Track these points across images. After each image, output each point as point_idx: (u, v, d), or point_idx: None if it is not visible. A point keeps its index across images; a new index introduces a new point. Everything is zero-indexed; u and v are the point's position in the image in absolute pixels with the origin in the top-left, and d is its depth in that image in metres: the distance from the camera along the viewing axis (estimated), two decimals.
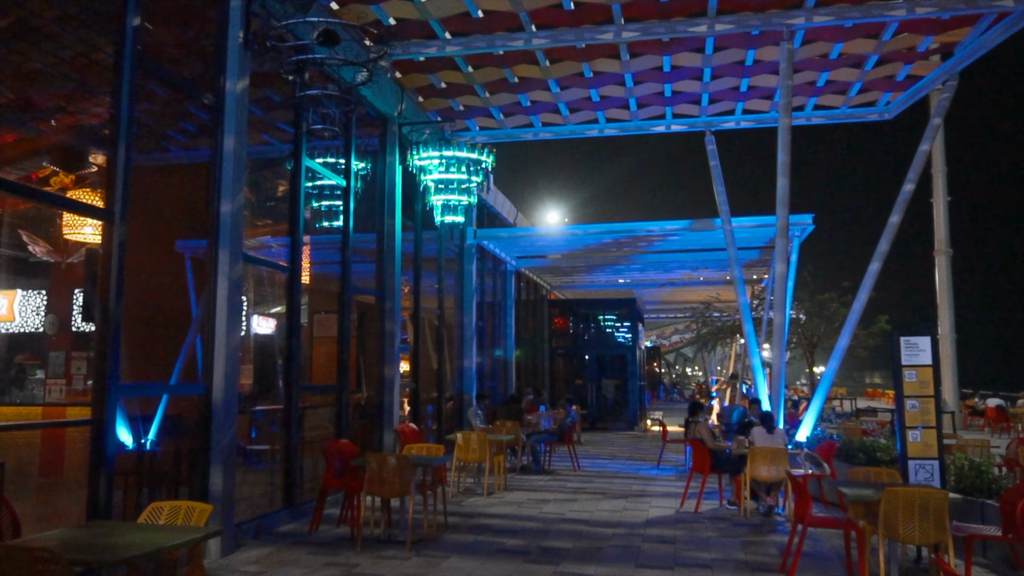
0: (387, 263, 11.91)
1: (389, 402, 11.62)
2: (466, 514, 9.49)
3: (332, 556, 7.28)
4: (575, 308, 25.99)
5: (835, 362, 12.52)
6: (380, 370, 11.67)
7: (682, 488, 11.57)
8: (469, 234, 16.29)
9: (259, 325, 12.86)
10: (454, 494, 10.93)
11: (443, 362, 14.61)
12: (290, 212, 9.29)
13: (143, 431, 7.72)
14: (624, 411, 24.86)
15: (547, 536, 8.29)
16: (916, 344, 7.58)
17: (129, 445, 7.24)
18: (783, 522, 9.32)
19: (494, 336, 19.01)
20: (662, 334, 70.57)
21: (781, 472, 9.34)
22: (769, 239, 17.87)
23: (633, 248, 19.20)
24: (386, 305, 11.84)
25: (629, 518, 9.39)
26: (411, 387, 13.18)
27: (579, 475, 13.45)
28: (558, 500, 10.67)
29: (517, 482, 12.46)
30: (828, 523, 6.59)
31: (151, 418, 7.70)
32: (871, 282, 12.52)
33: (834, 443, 10.20)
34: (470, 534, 8.32)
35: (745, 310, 13.85)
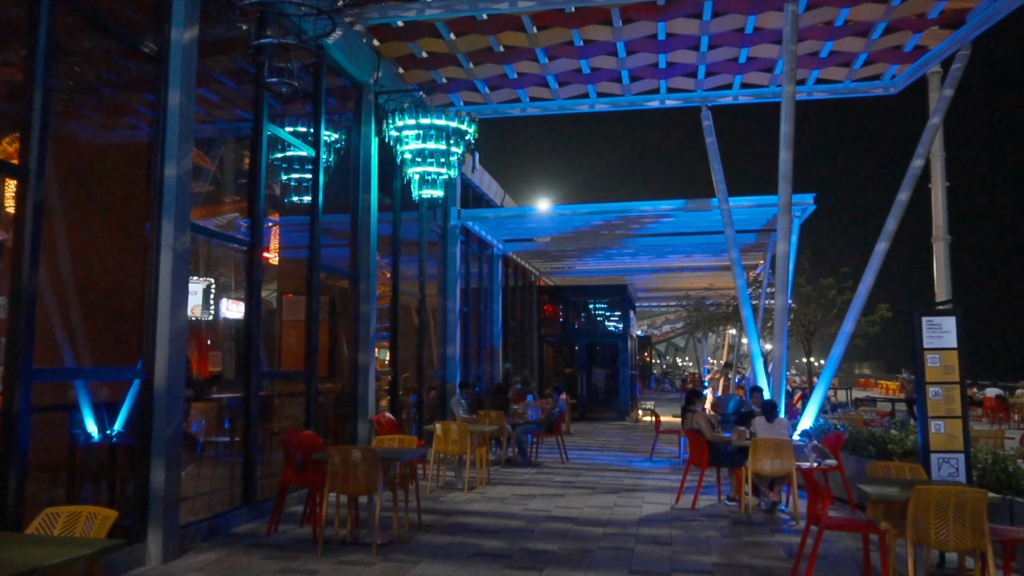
0: (362, 241, 11.09)
1: (364, 390, 10.83)
2: (443, 511, 8.73)
3: (289, 561, 6.49)
4: (565, 295, 25.23)
5: (839, 348, 11.81)
6: (354, 356, 10.88)
7: (677, 482, 10.84)
8: (453, 214, 15.48)
9: (229, 309, 12.04)
10: (432, 489, 10.16)
11: (424, 349, 13.82)
12: (250, 182, 8.47)
13: (108, 422, 6.91)
14: (615, 401, 24.15)
15: (531, 537, 7.53)
16: (940, 325, 6.84)
17: (95, 437, 6.45)
18: (787, 520, 8.60)
19: (480, 323, 18.23)
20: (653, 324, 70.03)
21: (786, 465, 8.61)
22: (767, 221, 17.15)
23: (625, 231, 18.43)
24: (361, 287, 11.03)
25: (621, 516, 8.65)
26: (389, 375, 12.39)
27: (567, 468, 12.70)
28: (544, 495, 9.92)
29: (501, 475, 11.70)
30: (847, 526, 5.85)
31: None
32: (877, 263, 11.79)
33: (841, 434, 9.48)
34: (446, 535, 7.55)
35: (743, 293, 13.12)
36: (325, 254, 11.38)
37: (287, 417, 9.95)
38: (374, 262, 11.18)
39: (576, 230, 18.29)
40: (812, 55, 12.67)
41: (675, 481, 11.11)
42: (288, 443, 7.48)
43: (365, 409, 10.77)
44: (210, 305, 11.43)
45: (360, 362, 10.88)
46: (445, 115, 10.89)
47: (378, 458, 6.73)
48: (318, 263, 9.78)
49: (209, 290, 11.42)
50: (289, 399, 10.00)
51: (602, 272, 25.55)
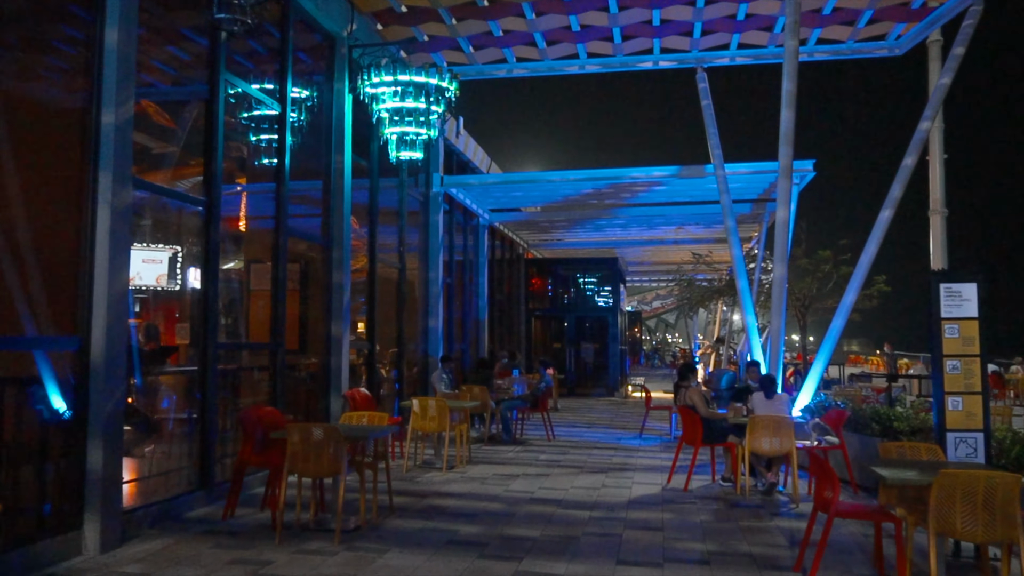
0: (335, 206, 10.39)
1: (336, 364, 10.18)
2: (418, 493, 8.13)
3: (243, 550, 5.88)
4: (554, 268, 24.58)
5: (840, 320, 11.23)
6: (326, 328, 10.22)
7: (668, 461, 10.28)
8: (435, 181, 14.76)
9: (198, 279, 11.34)
10: (408, 469, 9.57)
11: (404, 322, 13.17)
12: (206, 136, 7.75)
13: (40, 397, 6.25)
14: (604, 376, 23.62)
15: (511, 521, 6.94)
16: (959, 292, 6.24)
17: (25, 414, 5.78)
18: (786, 502, 8.05)
19: (465, 295, 17.58)
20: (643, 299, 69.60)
21: (786, 444, 8.04)
22: (763, 191, 16.52)
23: (616, 200, 17.75)
24: (334, 254, 10.35)
25: (608, 497, 8.07)
26: (366, 348, 11.74)
27: (554, 445, 12.14)
28: (528, 475, 9.34)
29: (484, 454, 11.12)
30: (860, 513, 5.27)
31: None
32: (881, 232, 11.19)
33: (843, 411, 8.91)
34: (419, 519, 6.96)
35: (739, 264, 12.50)
36: (296, 220, 10.69)
37: (252, 392, 9.31)
38: (348, 228, 10.49)
39: (565, 199, 17.60)
40: (814, 12, 11.96)
41: (666, 460, 10.56)
42: (246, 420, 6.84)
43: (338, 384, 10.13)
44: (177, 275, 10.76)
45: (333, 334, 10.22)
46: (424, 72, 10.15)
47: (342, 437, 6.10)
48: (285, 228, 9.09)
49: (175, 259, 10.73)
50: (255, 373, 9.36)
51: (592, 245, 24.90)
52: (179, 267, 11.01)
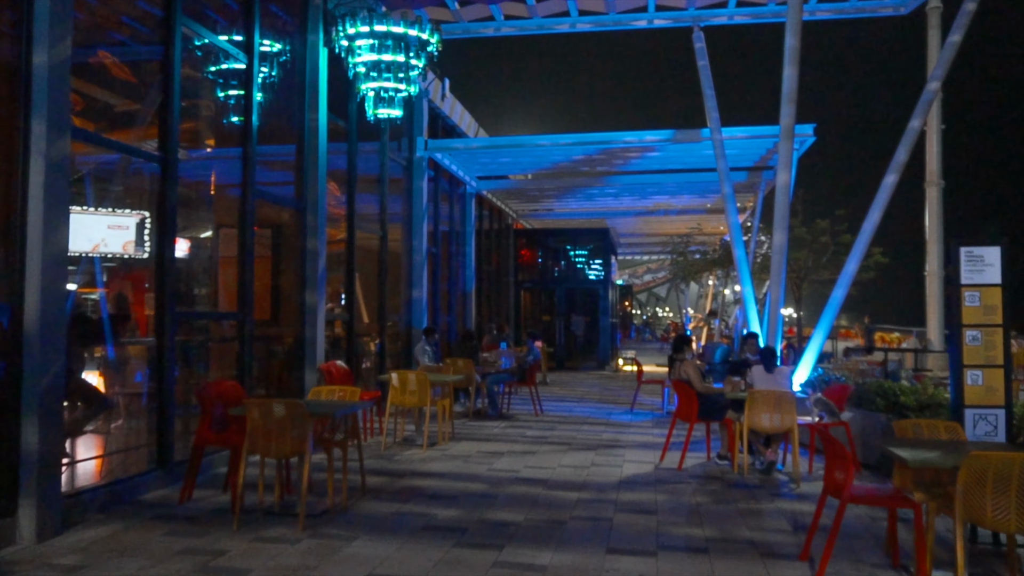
0: (308, 167, 9.76)
1: (311, 335, 9.62)
2: (395, 473, 7.61)
3: (196, 537, 5.35)
4: (543, 239, 23.98)
5: (841, 290, 10.72)
6: (300, 297, 9.64)
7: (661, 437, 9.81)
8: (419, 145, 14.10)
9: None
10: (387, 446, 9.05)
11: (386, 292, 12.60)
12: (162, 85, 7.10)
13: None
14: (594, 350, 23.15)
15: (493, 504, 6.43)
16: (981, 257, 5.71)
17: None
18: (786, 482, 7.57)
19: (451, 266, 16.99)
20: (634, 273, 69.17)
21: (787, 421, 7.55)
22: (759, 157, 15.94)
23: (608, 167, 17.14)
24: (308, 219, 9.73)
25: (598, 477, 7.58)
26: (344, 319, 11.17)
27: (541, 421, 11.65)
28: (513, 453, 8.84)
29: (468, 429, 10.62)
30: (876, 499, 4.77)
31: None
32: (885, 198, 10.65)
33: (847, 386, 8.42)
34: (394, 502, 6.44)
35: (736, 232, 11.97)
36: (267, 182, 10.06)
37: (220, 366, 8.76)
38: (323, 191, 9.87)
39: (555, 166, 16.97)
40: None
41: (659, 436, 10.09)
42: (203, 395, 6.28)
43: (313, 356, 9.57)
44: (145, 242, 10.15)
45: (307, 304, 9.65)
46: (404, 23, 9.48)
47: (306, 413, 5.55)
48: (253, 190, 8.47)
49: (144, 225, 10.12)
50: (222, 345, 8.80)
51: (583, 215, 24.31)
52: (148, 234, 10.40)
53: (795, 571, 4.87)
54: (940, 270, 26.15)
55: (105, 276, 10.73)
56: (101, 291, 9.83)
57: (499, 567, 4.85)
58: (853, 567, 4.95)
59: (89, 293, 10.54)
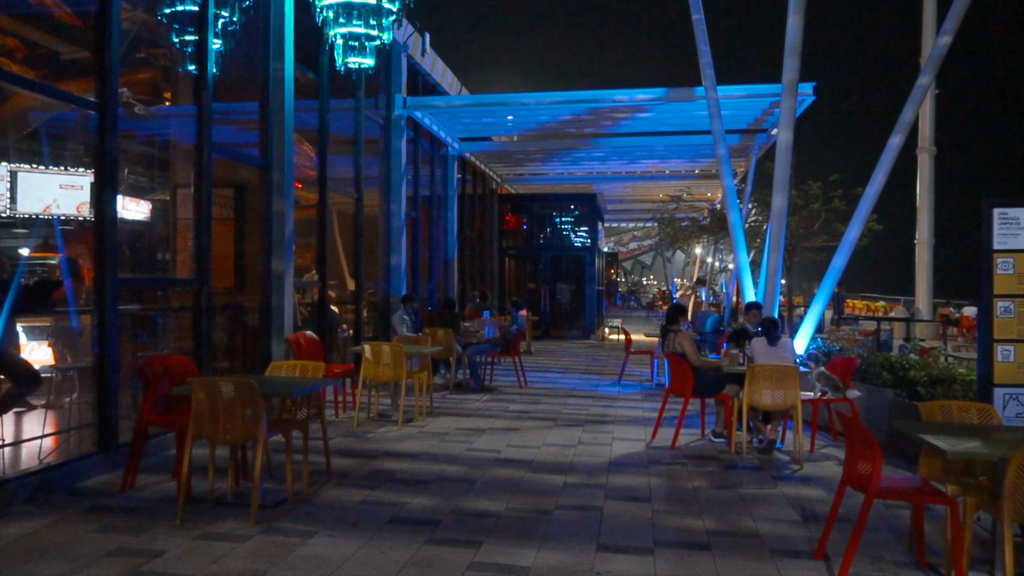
0: (274, 121, 9.00)
1: (278, 304, 8.94)
2: (366, 453, 7.00)
3: (132, 534, 4.72)
4: (529, 204, 23.25)
5: (842, 258, 10.12)
6: (265, 262, 8.93)
7: (650, 411, 9.28)
8: (397, 103, 13.30)
9: (128, 209, 9.97)
10: (360, 423, 8.44)
11: (362, 258, 11.89)
12: (97, 24, 6.31)
13: None
14: (580, 318, 22.59)
15: (470, 491, 5.84)
16: (1017, 219, 5.11)
17: None
18: (788, 462, 7.03)
19: (432, 232, 16.26)
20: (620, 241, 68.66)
21: (790, 397, 7.00)
22: (753, 119, 15.26)
23: (595, 129, 16.40)
24: (273, 177, 9.00)
25: (586, 458, 7.01)
26: (316, 287, 10.48)
27: (525, 394, 11.07)
28: (495, 430, 8.25)
29: (448, 404, 10.02)
30: (906, 493, 4.18)
31: None
32: (891, 159, 10.02)
33: (852, 359, 7.86)
34: (362, 488, 5.83)
35: (731, 195, 11.33)
36: (238, 143, 9.32)
37: (177, 338, 8.08)
38: (290, 147, 9.12)
39: (541, 127, 16.22)
40: None
41: (649, 410, 9.55)
42: (146, 370, 5.60)
43: (280, 327, 8.90)
44: None
45: (274, 270, 8.95)
46: None
47: (259, 393, 4.90)
48: (209, 145, 7.72)
49: None
50: (180, 315, 8.11)
51: (569, 180, 23.58)
52: None
53: (810, 572, 4.31)
54: (930, 238, 25.78)
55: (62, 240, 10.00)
56: (62, 256, 9.09)
57: (476, 570, 4.26)
58: (873, 566, 4.40)
59: (40, 258, 9.80)
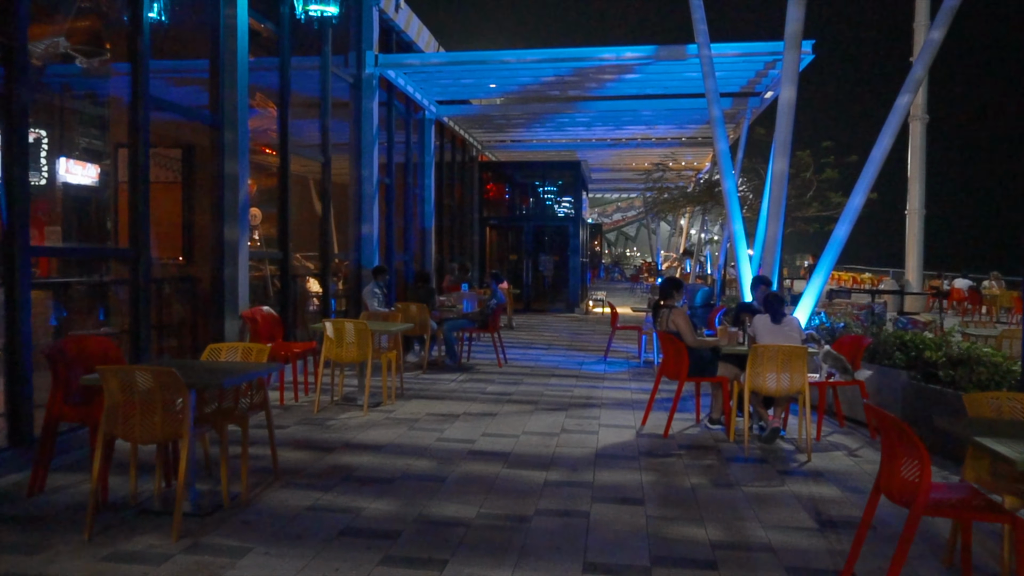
0: (226, 74, 8.09)
1: (232, 276, 8.11)
2: (324, 445, 6.24)
3: (26, 554, 3.94)
4: (510, 172, 22.36)
5: (845, 227, 9.39)
6: (217, 230, 8.09)
7: (639, 392, 8.62)
8: (368, 60, 12.36)
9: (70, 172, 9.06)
10: (321, 408, 7.67)
11: (329, 227, 11.05)
12: None
13: None
14: (564, 291, 21.85)
15: (438, 492, 5.10)
16: None
17: None
18: (792, 452, 6.36)
19: (408, 200, 15.39)
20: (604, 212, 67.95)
21: (797, 381, 6.29)
22: (747, 81, 14.44)
23: (580, 91, 15.53)
24: (225, 137, 8.11)
25: (570, 448, 6.29)
26: (278, 258, 9.64)
27: (505, 372, 10.35)
28: (470, 415, 7.52)
29: (421, 384, 9.28)
30: (959, 510, 3.47)
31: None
32: (898, 120, 9.27)
33: (862, 337, 7.16)
34: (313, 490, 5.08)
35: (725, 159, 10.56)
36: (182, 96, 8.42)
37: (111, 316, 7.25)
38: (244, 104, 8.23)
39: (523, 89, 15.31)
40: None
41: (637, 391, 8.86)
42: (56, 355, 4.78)
43: (234, 302, 8.08)
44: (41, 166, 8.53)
45: (226, 239, 8.11)
46: None
47: (182, 384, 4.11)
48: (146, 99, 6.84)
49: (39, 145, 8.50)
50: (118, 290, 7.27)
51: (553, 147, 22.72)
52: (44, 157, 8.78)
53: None
54: (921, 208, 25.21)
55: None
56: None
57: None
58: None
59: None
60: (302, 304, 10.95)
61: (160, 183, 7.97)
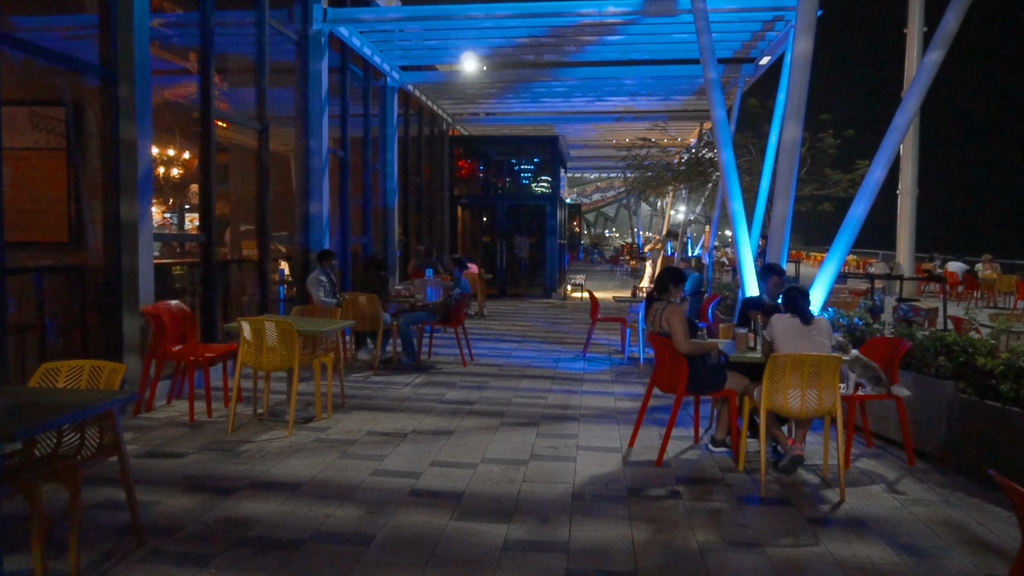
0: (119, 12, 6.58)
1: (131, 265, 6.66)
2: (223, 485, 4.84)
3: None
4: (484, 147, 20.87)
5: (863, 205, 8.08)
6: (112, 209, 6.62)
7: (624, 400, 7.35)
8: (316, 14, 10.84)
9: None
10: (238, 426, 6.26)
11: (267, 206, 9.56)
12: None
13: None
14: (540, 275, 20.49)
15: (358, 564, 3.73)
16: None
17: None
18: (819, 488, 5.06)
19: (367, 176, 13.90)
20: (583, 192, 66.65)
21: (827, 400, 4.98)
22: (741, 44, 13.09)
23: (558, 56, 14.09)
24: (121, 93, 6.62)
25: (540, 486, 4.95)
26: (200, 242, 8.16)
27: (469, 373, 9.00)
28: (420, 434, 6.15)
29: (370, 390, 7.89)
30: None
31: None
32: (927, 79, 7.94)
33: (901, 340, 5.84)
34: (183, 566, 3.68)
35: (722, 128, 9.21)
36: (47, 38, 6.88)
37: None
38: (144, 52, 6.73)
39: (494, 52, 13.83)
40: None
41: (622, 398, 7.55)
42: None
43: (134, 297, 6.64)
44: None
45: (124, 219, 6.64)
46: None
47: None
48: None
49: None
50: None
51: (529, 120, 21.24)
52: None
53: None
54: (914, 188, 24.07)
55: None
56: None
57: None
58: None
59: None
60: (238, 296, 9.50)
61: (38, 150, 6.47)
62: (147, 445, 5.66)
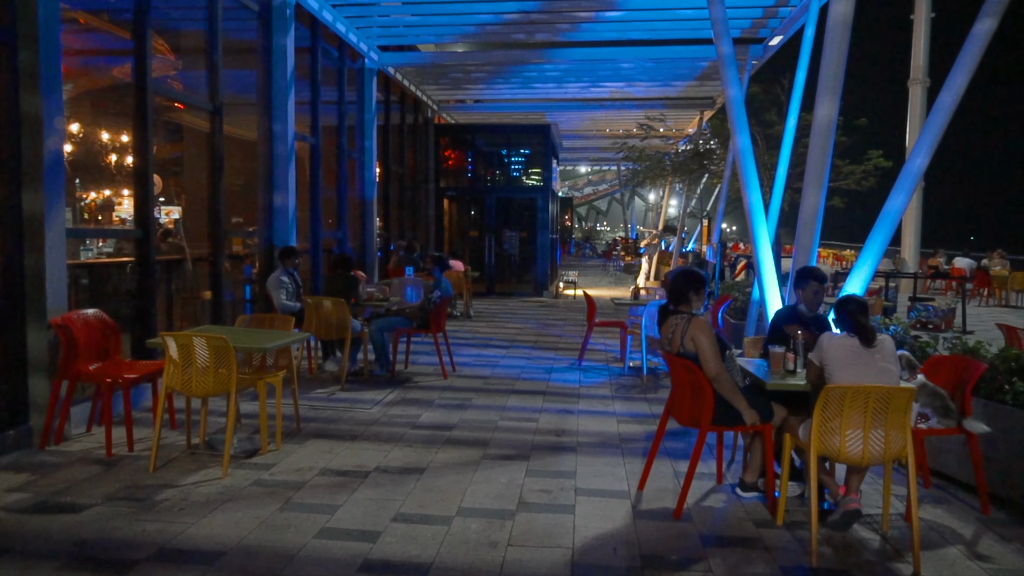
0: None
1: (38, 265, 5.52)
2: (120, 557, 3.72)
3: None
4: (471, 136, 19.71)
5: (903, 196, 7.03)
6: (11, 200, 5.47)
7: (627, 421, 6.27)
8: None
9: None
10: (164, 463, 5.13)
11: (220, 197, 8.42)
12: None
13: None
14: (531, 271, 19.38)
15: None
16: None
17: None
18: (881, 550, 3.99)
19: (342, 166, 12.75)
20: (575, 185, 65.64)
21: (896, 444, 3.91)
22: (751, 22, 12.02)
23: (550, 35, 12.97)
24: (21, 59, 5.48)
25: (529, 553, 3.85)
26: (135, 238, 7.01)
27: (450, 388, 7.90)
28: (385, 473, 5.05)
29: (333, 410, 6.79)
30: None
31: None
32: (977, 53, 6.87)
33: (975, 362, 4.75)
34: None
35: (738, 108, 8.14)
36: None
37: None
38: (52, 10, 5.58)
39: (482, 30, 12.70)
40: None
41: (625, 420, 6.47)
42: None
43: (40, 304, 5.50)
44: None
45: (26, 212, 5.50)
46: None
47: None
48: None
49: None
50: None
51: (519, 108, 20.12)
52: None
53: None
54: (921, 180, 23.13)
55: None
56: None
57: None
58: None
59: None
60: (190, 301, 8.36)
61: None
62: (40, 494, 4.54)
